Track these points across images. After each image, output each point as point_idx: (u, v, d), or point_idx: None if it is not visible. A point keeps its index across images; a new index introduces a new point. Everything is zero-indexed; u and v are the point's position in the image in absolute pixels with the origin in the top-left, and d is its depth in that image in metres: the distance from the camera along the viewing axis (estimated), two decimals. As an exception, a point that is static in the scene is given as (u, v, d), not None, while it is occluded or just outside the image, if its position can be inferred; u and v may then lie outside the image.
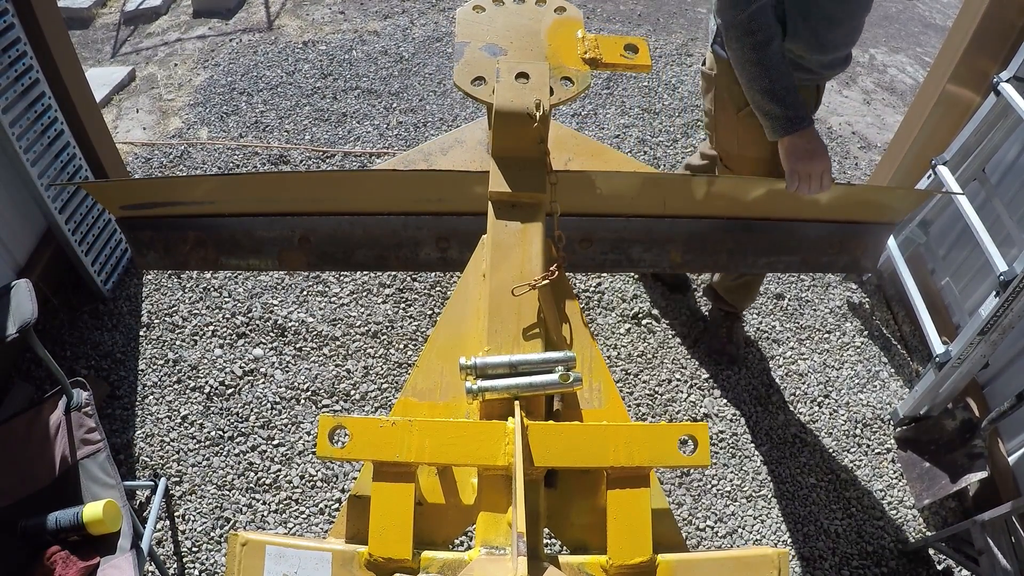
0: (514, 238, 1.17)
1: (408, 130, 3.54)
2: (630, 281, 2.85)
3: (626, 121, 3.68)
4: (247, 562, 0.91)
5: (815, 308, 2.83)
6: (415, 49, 4.15)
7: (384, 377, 2.46)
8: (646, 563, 0.89)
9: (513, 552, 0.77)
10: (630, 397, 2.46)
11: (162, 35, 4.40)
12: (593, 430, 0.94)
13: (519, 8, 1.47)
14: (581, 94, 1.34)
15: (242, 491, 2.15)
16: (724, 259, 1.62)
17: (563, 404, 1.06)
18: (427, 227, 1.50)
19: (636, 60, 1.39)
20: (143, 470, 2.18)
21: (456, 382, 1.06)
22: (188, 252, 1.53)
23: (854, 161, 3.65)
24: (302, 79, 3.86)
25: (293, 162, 3.33)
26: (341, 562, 0.91)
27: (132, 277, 2.73)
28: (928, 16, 5.41)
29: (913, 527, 2.21)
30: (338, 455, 0.93)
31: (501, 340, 1.05)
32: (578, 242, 1.52)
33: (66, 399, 1.70)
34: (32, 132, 2.26)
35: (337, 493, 2.16)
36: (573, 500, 1.01)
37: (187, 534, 2.05)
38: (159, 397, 2.36)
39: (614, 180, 1.45)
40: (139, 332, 2.54)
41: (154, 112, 3.67)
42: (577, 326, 1.15)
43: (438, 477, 1.02)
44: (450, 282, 2.77)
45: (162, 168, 3.27)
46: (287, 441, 2.27)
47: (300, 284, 2.74)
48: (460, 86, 1.30)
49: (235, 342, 2.53)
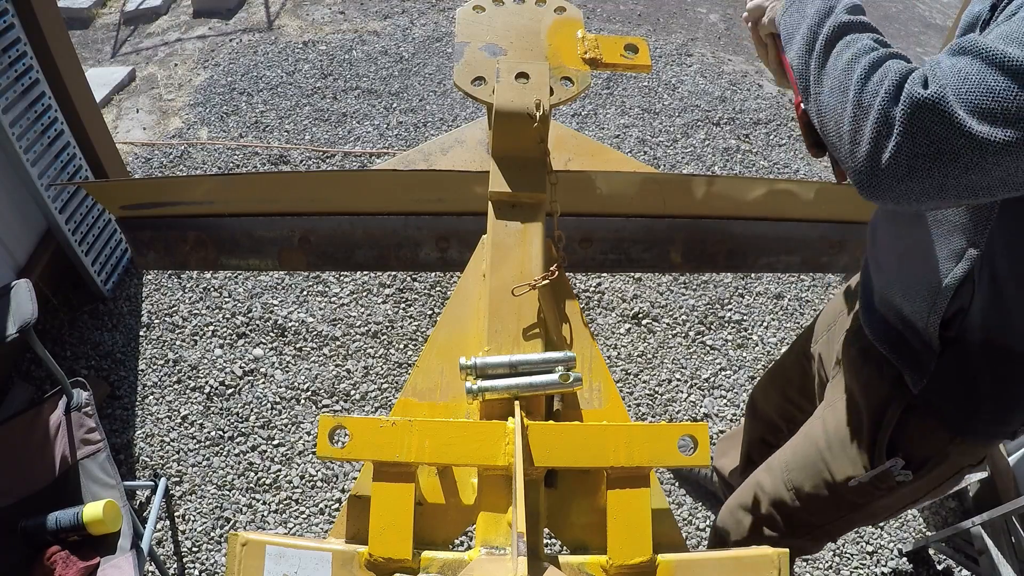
0: (514, 238, 1.17)
1: (408, 130, 3.54)
2: (630, 281, 2.84)
3: (626, 121, 3.68)
4: (247, 562, 0.91)
5: (815, 308, 2.82)
6: (415, 49, 4.15)
7: (384, 377, 2.46)
8: (646, 563, 0.89)
9: (513, 552, 0.77)
10: (630, 397, 2.46)
11: (162, 35, 4.40)
12: (593, 430, 0.94)
13: (519, 8, 1.47)
14: (581, 94, 1.34)
15: (242, 491, 2.15)
16: (724, 259, 1.62)
17: (563, 404, 1.06)
18: (427, 227, 1.50)
19: (636, 60, 1.39)
20: (143, 470, 2.18)
21: (456, 382, 1.06)
22: (188, 252, 1.53)
23: (854, 161, 3.65)
24: (302, 79, 3.86)
25: (293, 162, 3.33)
26: (341, 562, 0.91)
27: (132, 277, 2.73)
28: (928, 16, 5.41)
29: (913, 527, 2.21)
30: (338, 455, 0.93)
31: (501, 340, 1.05)
32: (578, 242, 1.52)
33: (66, 399, 1.70)
34: (32, 132, 2.26)
35: (337, 493, 2.16)
36: (573, 500, 1.01)
37: (187, 534, 2.05)
38: (159, 397, 2.36)
39: (614, 180, 1.45)
40: (139, 332, 2.54)
41: (154, 112, 3.67)
42: (577, 326, 1.15)
43: (438, 477, 1.02)
44: (450, 282, 2.77)
45: (162, 168, 3.27)
46: (287, 441, 2.27)
47: (300, 284, 2.74)
48: (460, 86, 1.30)
49: (235, 342, 2.53)
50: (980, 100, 0.71)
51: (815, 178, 3.44)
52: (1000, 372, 1.02)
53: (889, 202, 0.80)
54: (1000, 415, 1.07)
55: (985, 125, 0.71)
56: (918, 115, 0.74)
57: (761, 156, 3.57)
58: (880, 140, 0.77)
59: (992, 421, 1.08)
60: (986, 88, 0.71)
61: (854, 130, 0.80)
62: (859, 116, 0.79)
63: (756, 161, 3.53)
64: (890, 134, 0.76)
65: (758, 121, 3.79)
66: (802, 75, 0.90)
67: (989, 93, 0.71)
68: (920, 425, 1.11)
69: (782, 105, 3.94)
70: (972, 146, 0.72)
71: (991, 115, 0.70)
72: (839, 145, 0.83)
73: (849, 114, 0.81)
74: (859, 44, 0.85)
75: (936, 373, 1.05)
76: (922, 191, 0.77)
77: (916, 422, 1.11)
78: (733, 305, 2.79)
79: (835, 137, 0.83)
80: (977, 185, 0.75)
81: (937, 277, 0.99)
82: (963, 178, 0.75)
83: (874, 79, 0.79)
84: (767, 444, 1.71)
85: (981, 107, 0.71)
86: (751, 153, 3.58)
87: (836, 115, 0.83)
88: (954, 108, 0.72)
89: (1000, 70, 0.70)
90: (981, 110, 0.71)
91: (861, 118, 0.79)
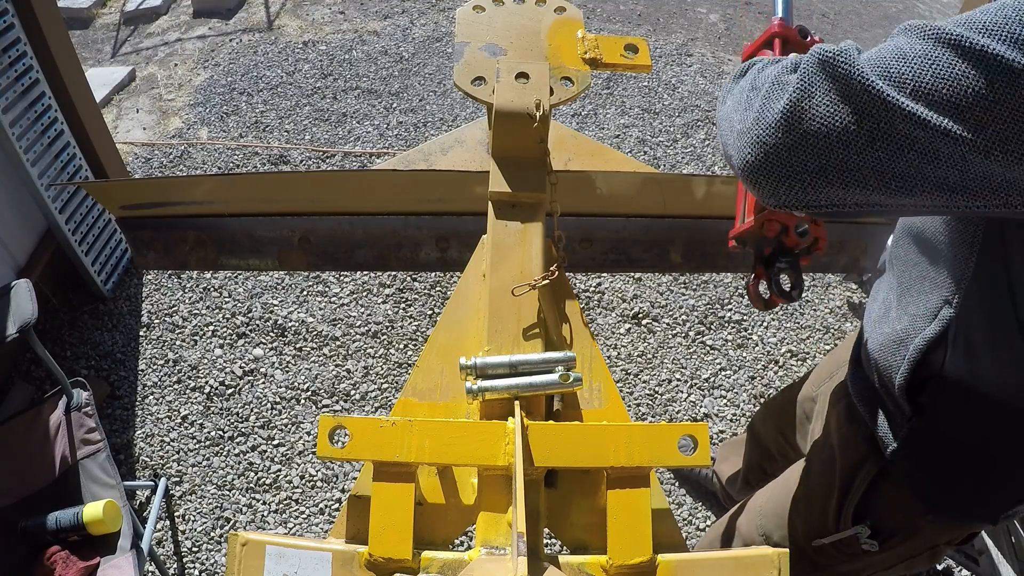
0: (514, 238, 1.17)
1: (408, 130, 3.54)
2: (630, 281, 2.84)
3: (626, 121, 3.68)
4: (247, 562, 0.91)
5: (815, 308, 2.82)
6: (415, 49, 4.15)
7: (384, 377, 2.46)
8: (646, 563, 0.89)
9: (513, 552, 0.77)
10: (630, 397, 2.46)
11: (162, 35, 4.40)
12: (593, 430, 0.94)
13: (519, 8, 1.47)
14: (581, 94, 1.34)
15: (242, 491, 2.15)
16: (724, 259, 1.62)
17: (563, 404, 1.06)
18: (427, 227, 1.50)
19: (636, 60, 1.38)
20: (143, 470, 2.18)
21: (456, 382, 1.06)
22: (188, 252, 1.53)
23: (854, 161, 3.66)
24: (302, 79, 3.86)
25: (293, 162, 3.33)
26: (341, 562, 0.91)
27: (132, 277, 2.73)
28: (928, 16, 5.41)
29: (913, 527, 2.21)
30: (338, 455, 0.93)
31: (501, 340, 1.05)
32: (578, 242, 1.52)
33: (66, 399, 1.70)
34: (32, 132, 2.26)
35: (337, 493, 2.16)
36: (573, 500, 1.01)
37: (187, 534, 2.05)
38: (159, 397, 2.36)
39: (614, 180, 1.45)
40: (139, 332, 2.54)
41: (154, 112, 3.67)
42: (577, 326, 1.15)
43: (438, 477, 1.02)
44: (450, 282, 2.77)
45: (162, 168, 3.27)
46: (287, 441, 2.27)
47: (300, 284, 2.74)
48: (460, 86, 1.30)
49: (235, 342, 2.53)
50: (905, 71, 0.60)
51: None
52: (976, 448, 0.92)
53: (782, 191, 0.68)
54: (979, 496, 0.97)
55: (904, 96, 0.60)
56: (818, 71, 0.63)
57: (761, 156, 3.56)
58: (770, 102, 0.66)
59: (971, 502, 0.97)
60: (926, 64, 0.59)
61: (745, 109, 0.70)
62: (751, 96, 0.70)
63: (756, 161, 3.53)
64: (783, 93, 0.65)
65: (758, 121, 3.78)
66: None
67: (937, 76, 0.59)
68: (892, 493, 1.03)
69: (782, 105, 3.94)
70: (879, 110, 0.60)
71: (919, 89, 0.59)
72: (729, 140, 0.73)
73: (743, 100, 0.72)
74: (761, 61, 0.80)
75: (908, 439, 0.96)
76: (818, 169, 0.64)
77: (888, 489, 1.03)
78: (733, 305, 2.79)
79: (727, 135, 0.73)
80: (889, 172, 0.62)
81: (910, 335, 0.89)
82: (867, 155, 0.62)
83: (770, 67, 0.73)
84: (763, 471, 1.68)
85: (905, 78, 0.60)
86: (751, 153, 3.57)
87: (730, 116, 0.73)
88: (863, 70, 0.61)
89: (949, 48, 0.59)
90: (903, 80, 0.60)
91: (752, 96, 0.70)
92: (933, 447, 0.95)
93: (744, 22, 4.76)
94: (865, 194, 0.65)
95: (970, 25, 0.59)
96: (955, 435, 0.92)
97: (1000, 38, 0.56)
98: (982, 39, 0.57)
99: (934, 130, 0.58)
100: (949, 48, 0.59)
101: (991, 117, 0.56)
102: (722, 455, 2.03)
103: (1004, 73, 0.56)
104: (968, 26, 0.59)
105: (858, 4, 5.33)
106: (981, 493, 0.96)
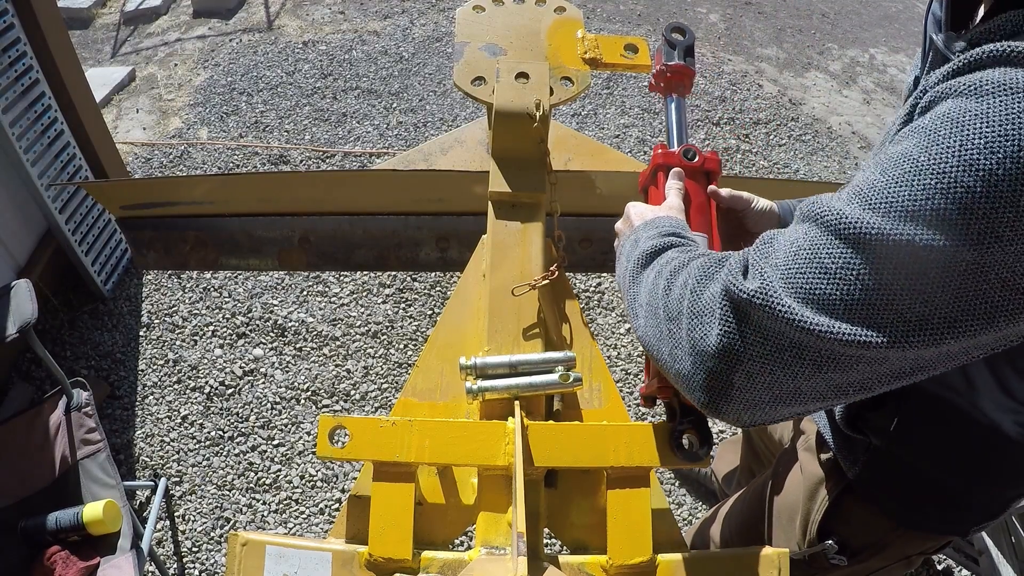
0: (514, 238, 1.17)
1: (408, 130, 3.54)
2: (630, 281, 2.84)
3: (626, 121, 3.68)
4: (247, 562, 0.91)
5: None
6: (415, 49, 4.15)
7: (384, 377, 2.46)
8: (646, 563, 0.89)
9: (513, 552, 0.77)
10: (630, 397, 2.46)
11: (162, 35, 4.40)
12: (593, 430, 0.94)
13: (519, 8, 1.47)
14: (581, 94, 1.34)
15: (242, 491, 2.15)
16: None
17: (563, 404, 1.06)
18: (427, 227, 1.50)
19: (636, 60, 1.39)
20: (143, 470, 2.18)
21: (456, 382, 1.06)
22: (188, 252, 1.53)
23: (854, 161, 3.65)
24: (302, 79, 3.86)
25: (293, 162, 3.33)
26: (341, 562, 0.91)
27: (132, 277, 2.73)
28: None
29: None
30: (338, 455, 0.93)
31: (501, 340, 1.05)
32: (578, 242, 1.52)
33: (66, 399, 1.70)
34: (32, 132, 2.26)
35: (337, 493, 2.16)
36: (573, 500, 1.01)
37: (187, 534, 2.05)
38: (159, 397, 2.36)
39: (614, 180, 1.45)
40: (139, 332, 2.54)
41: (154, 112, 3.67)
42: (577, 326, 1.15)
43: (438, 477, 1.02)
44: (450, 282, 2.77)
45: (162, 168, 3.27)
46: (287, 441, 2.27)
47: (300, 284, 2.74)
48: (460, 86, 1.30)
49: (235, 342, 2.53)
50: (812, 283, 0.57)
51: (815, 178, 3.44)
52: (935, 468, 0.91)
53: (745, 418, 0.65)
54: (945, 513, 0.96)
55: (823, 316, 0.56)
56: (737, 317, 0.61)
57: (761, 156, 3.57)
58: (698, 342, 0.64)
59: (939, 519, 0.97)
60: (819, 267, 0.56)
61: (673, 347, 0.68)
62: (673, 330, 0.68)
63: (756, 161, 3.53)
64: (710, 328, 0.63)
65: (758, 121, 3.79)
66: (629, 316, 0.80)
67: (823, 273, 0.56)
68: (859, 510, 1.02)
69: (782, 105, 3.94)
70: (814, 340, 0.57)
71: (827, 303, 0.56)
72: (671, 375, 0.70)
73: (665, 332, 0.69)
74: (663, 260, 0.76)
75: (870, 463, 0.95)
76: (773, 399, 0.62)
77: (854, 506, 1.02)
78: (733, 305, 2.79)
79: (665, 367, 0.71)
80: (845, 383, 0.59)
81: None
82: (818, 379, 0.59)
83: (677, 283, 0.69)
84: (752, 474, 1.68)
85: (815, 293, 0.56)
86: (751, 153, 3.58)
87: (655, 341, 0.71)
88: (782, 299, 0.58)
89: (838, 238, 0.56)
90: (815, 297, 0.56)
91: (675, 331, 0.68)
92: (894, 471, 0.94)
93: (744, 22, 4.76)
94: (827, 403, 0.63)
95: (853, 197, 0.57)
96: (912, 459, 0.91)
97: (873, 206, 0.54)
98: (859, 213, 0.55)
99: (867, 345, 0.55)
100: (833, 234, 0.56)
101: (890, 309, 0.54)
102: (720, 455, 2.04)
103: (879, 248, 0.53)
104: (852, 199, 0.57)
105: (858, 4, 5.33)
106: (947, 511, 0.96)
